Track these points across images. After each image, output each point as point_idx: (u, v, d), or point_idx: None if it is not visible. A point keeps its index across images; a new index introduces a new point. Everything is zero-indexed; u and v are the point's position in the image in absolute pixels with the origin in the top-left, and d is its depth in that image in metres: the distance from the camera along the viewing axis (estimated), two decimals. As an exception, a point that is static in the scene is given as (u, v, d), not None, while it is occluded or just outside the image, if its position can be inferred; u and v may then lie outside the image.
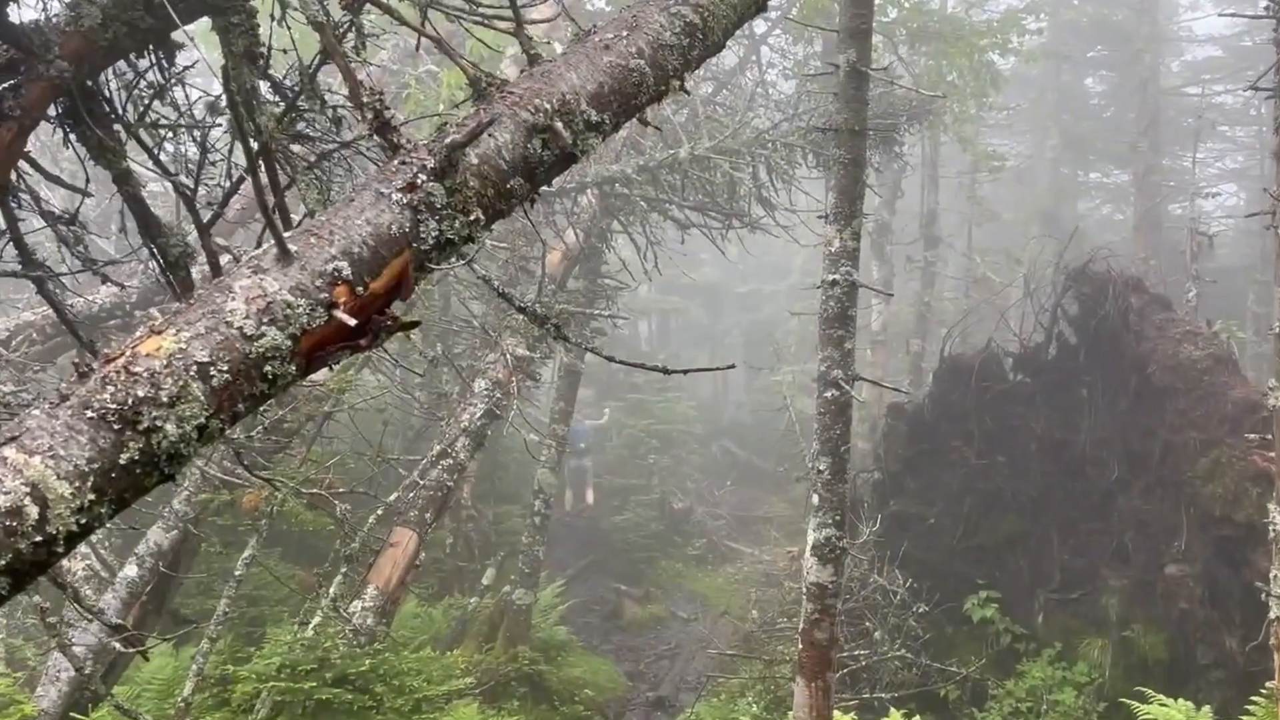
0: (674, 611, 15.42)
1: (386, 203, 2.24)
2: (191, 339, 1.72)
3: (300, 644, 6.88)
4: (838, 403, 5.40)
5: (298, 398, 7.76)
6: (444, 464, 7.94)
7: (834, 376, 5.38)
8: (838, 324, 5.40)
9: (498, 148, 2.38)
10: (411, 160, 2.27)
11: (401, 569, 7.52)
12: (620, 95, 2.54)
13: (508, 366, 8.35)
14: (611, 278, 11.72)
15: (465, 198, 2.51)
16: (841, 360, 5.39)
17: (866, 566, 10.71)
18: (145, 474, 1.66)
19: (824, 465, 5.41)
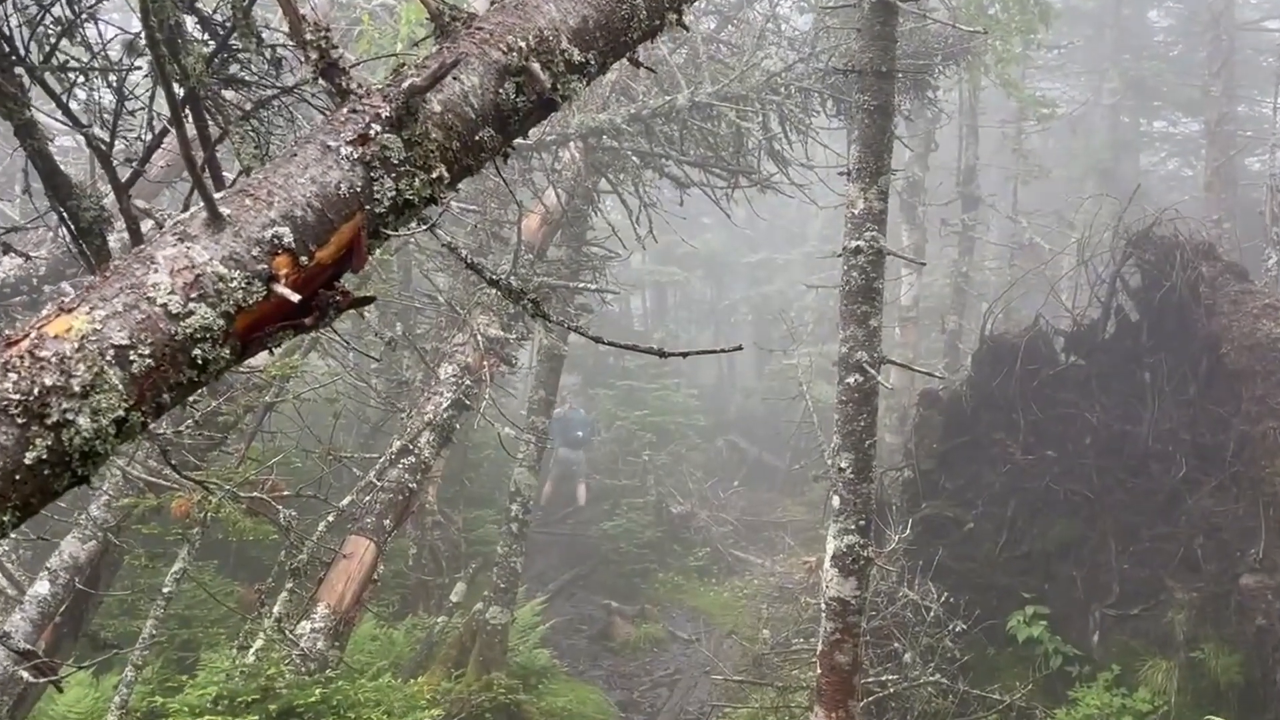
0: (673, 631, 15.50)
1: (334, 158, 2.23)
2: (108, 318, 1.71)
3: (240, 671, 6.88)
4: (862, 389, 5.41)
5: (234, 386, 7.75)
6: (405, 462, 7.93)
7: (858, 359, 5.38)
8: (862, 298, 5.41)
9: (464, 93, 2.37)
10: (364, 108, 2.25)
11: (357, 584, 7.52)
12: (607, 31, 2.53)
13: (478, 349, 8.34)
14: (599, 245, 11.70)
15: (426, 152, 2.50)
16: (866, 340, 5.39)
17: (895, 579, 10.76)
18: (55, 476, 1.66)
19: (846, 462, 5.43)
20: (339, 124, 2.32)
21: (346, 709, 7.06)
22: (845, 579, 5.42)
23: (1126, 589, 10.09)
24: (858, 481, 5.42)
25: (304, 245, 2.16)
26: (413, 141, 2.46)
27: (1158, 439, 10.32)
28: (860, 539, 5.41)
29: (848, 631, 5.43)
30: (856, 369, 5.39)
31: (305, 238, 2.17)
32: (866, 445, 5.42)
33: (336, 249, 2.26)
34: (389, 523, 7.72)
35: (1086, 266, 11.24)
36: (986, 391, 11.42)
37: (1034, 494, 10.79)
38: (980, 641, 10.38)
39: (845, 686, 5.43)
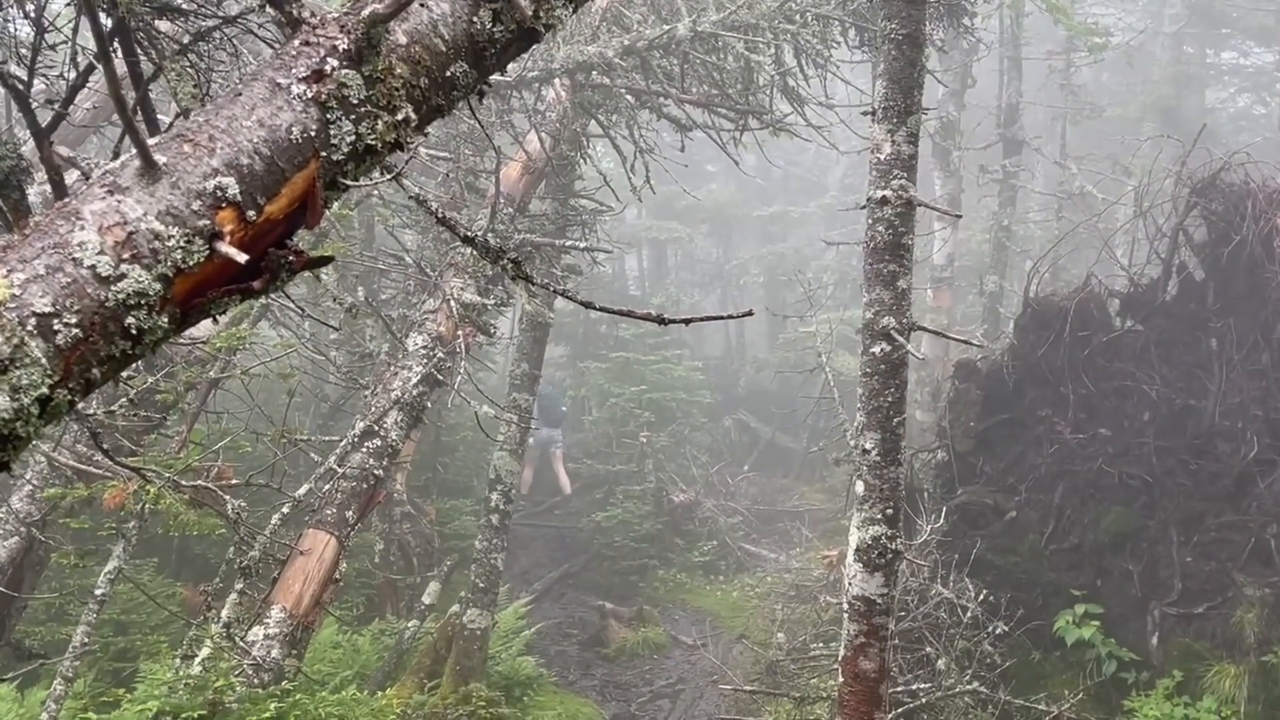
0: (675, 635, 15.56)
1: (285, 97, 2.22)
2: (28, 282, 1.70)
3: (184, 684, 6.91)
4: (889, 360, 5.41)
5: (174, 360, 7.74)
6: (370, 446, 7.94)
7: (884, 326, 5.39)
8: (889, 256, 5.40)
9: (433, 22, 2.36)
10: (318, 40, 2.24)
11: (316, 584, 7.54)
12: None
13: (452, 317, 8.33)
14: (589, 198, 11.67)
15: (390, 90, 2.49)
16: (894, 304, 5.40)
17: (928, 575, 10.82)
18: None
19: (871, 443, 5.44)
20: (290, 59, 2.31)
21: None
22: (871, 575, 5.44)
23: (1190, 585, 10.13)
24: (884, 465, 5.44)
25: (251, 198, 2.16)
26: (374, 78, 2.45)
27: (1225, 414, 10.34)
28: (888, 530, 5.43)
29: (873, 634, 5.46)
30: (883, 337, 5.39)
31: (252, 189, 2.16)
32: (894, 423, 5.43)
33: (288, 202, 2.25)
34: (352, 514, 7.74)
35: (1145, 219, 11.23)
36: (1031, 362, 11.42)
37: (1085, 478, 10.82)
38: (1024, 645, 10.44)
39: (870, 696, 5.47)
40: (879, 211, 5.42)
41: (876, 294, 5.43)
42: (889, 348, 5.38)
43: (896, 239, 5.39)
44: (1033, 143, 17.49)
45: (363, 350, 9.08)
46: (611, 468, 20.55)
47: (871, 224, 5.46)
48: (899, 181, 5.37)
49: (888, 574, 5.45)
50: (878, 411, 5.42)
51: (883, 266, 5.41)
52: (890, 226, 5.39)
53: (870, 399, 5.45)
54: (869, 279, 5.47)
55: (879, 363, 5.42)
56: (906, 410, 5.50)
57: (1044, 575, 10.69)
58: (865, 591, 5.46)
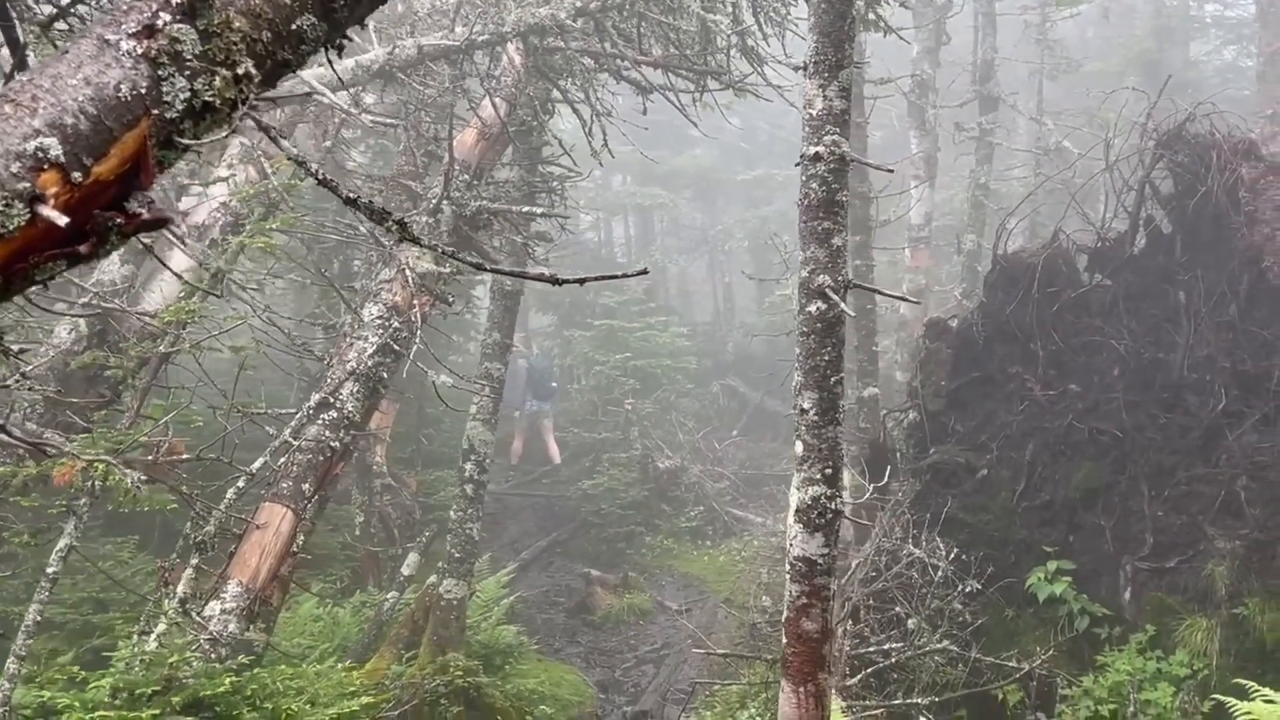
0: (661, 601, 15.60)
1: (113, 54, 2.15)
2: None
3: (140, 661, 6.87)
4: (825, 319, 5.33)
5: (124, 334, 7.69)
6: (326, 418, 7.88)
7: (819, 284, 5.31)
8: (823, 213, 5.31)
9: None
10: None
11: (274, 557, 7.50)
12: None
13: (408, 286, 8.26)
14: (558, 164, 11.59)
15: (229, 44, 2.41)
16: (829, 262, 5.31)
17: (900, 536, 10.79)
18: None
19: (809, 402, 5.37)
20: (120, 14, 2.23)
21: (263, 699, 7.07)
22: (811, 536, 5.38)
23: (1161, 539, 10.08)
24: (822, 424, 5.36)
25: (77, 159, 2.09)
26: (210, 32, 2.37)
27: (1194, 368, 10.27)
28: (827, 489, 5.37)
29: (815, 595, 5.40)
30: (818, 295, 5.31)
31: (78, 150, 2.09)
32: (831, 382, 5.35)
33: (119, 163, 2.18)
34: (308, 487, 7.69)
35: (1112, 172, 11.13)
36: (1000, 319, 11.36)
37: (1055, 434, 10.76)
38: (997, 603, 10.42)
39: (814, 657, 5.42)
40: (813, 168, 5.33)
41: (811, 252, 5.35)
42: (824, 306, 5.30)
43: (830, 196, 5.30)
44: (1009, 99, 17.37)
45: (326, 322, 9.00)
46: (598, 436, 20.59)
47: (805, 181, 5.37)
48: (831, 137, 5.28)
49: (828, 534, 5.39)
50: (814, 371, 5.35)
51: (817, 224, 5.32)
52: (824, 183, 5.30)
53: (807, 358, 5.37)
54: (804, 237, 5.39)
55: (815, 321, 5.34)
56: (843, 369, 5.42)
57: (1016, 532, 10.66)
58: (806, 552, 5.40)
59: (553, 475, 21.34)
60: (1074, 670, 9.84)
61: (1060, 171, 13.81)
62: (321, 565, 14.42)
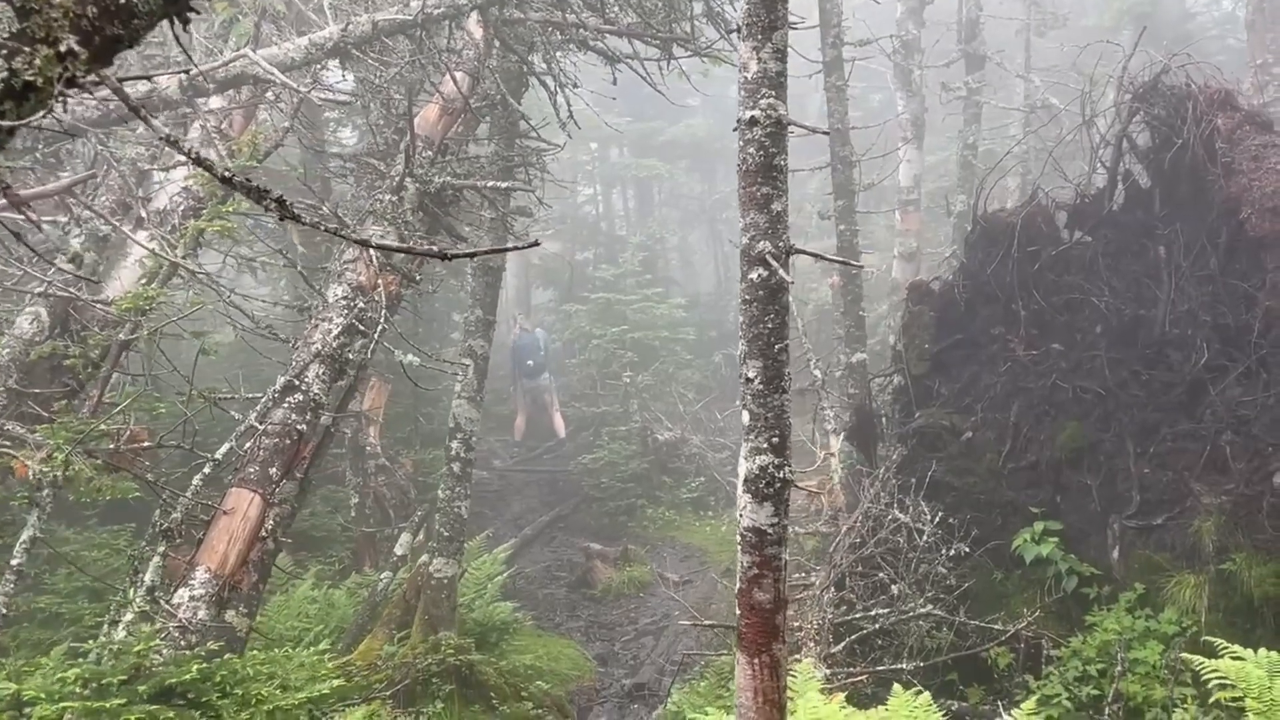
0: (661, 573, 15.55)
1: (-88, 36, 2.07)
2: None
3: (108, 650, 6.85)
4: (767, 286, 5.22)
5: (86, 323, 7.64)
6: (292, 401, 7.82)
7: (760, 251, 5.19)
8: (762, 179, 5.19)
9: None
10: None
11: (242, 543, 7.45)
12: None
13: (372, 265, 8.19)
14: (540, 138, 11.50)
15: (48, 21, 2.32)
16: (769, 228, 5.20)
17: (887, 501, 10.72)
18: None
19: (753, 371, 5.25)
20: (-72, -6, 2.16)
21: (233, 685, 7.03)
22: (760, 505, 5.28)
23: (1148, 497, 9.98)
24: (768, 393, 5.26)
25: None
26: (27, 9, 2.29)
27: (1175, 323, 10.13)
28: (775, 459, 5.27)
29: (766, 565, 5.31)
30: (759, 262, 5.19)
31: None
32: (776, 350, 5.24)
33: (-69, 149, 2.11)
34: (276, 471, 7.64)
35: (1090, 127, 10.97)
36: (981, 280, 11.23)
37: (1039, 395, 10.67)
38: (984, 565, 10.35)
39: (767, 628, 5.33)
40: (749, 133, 5.21)
41: (751, 218, 5.22)
42: (765, 273, 5.19)
43: (768, 160, 5.18)
44: (995, 57, 17.17)
45: (297, 304, 8.93)
46: (597, 409, 20.57)
47: (743, 146, 5.25)
48: (767, 100, 5.15)
49: (777, 503, 5.29)
50: (758, 339, 5.24)
51: (756, 190, 5.20)
52: (761, 148, 5.18)
53: (750, 326, 5.25)
54: (743, 203, 5.26)
55: (757, 289, 5.23)
56: (788, 336, 5.31)
57: (1002, 494, 10.57)
58: (756, 522, 5.30)
59: (556, 450, 21.35)
60: (1062, 631, 9.77)
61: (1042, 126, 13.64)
62: (321, 547, 14.45)
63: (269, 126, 9.26)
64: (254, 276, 15.51)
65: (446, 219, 9.14)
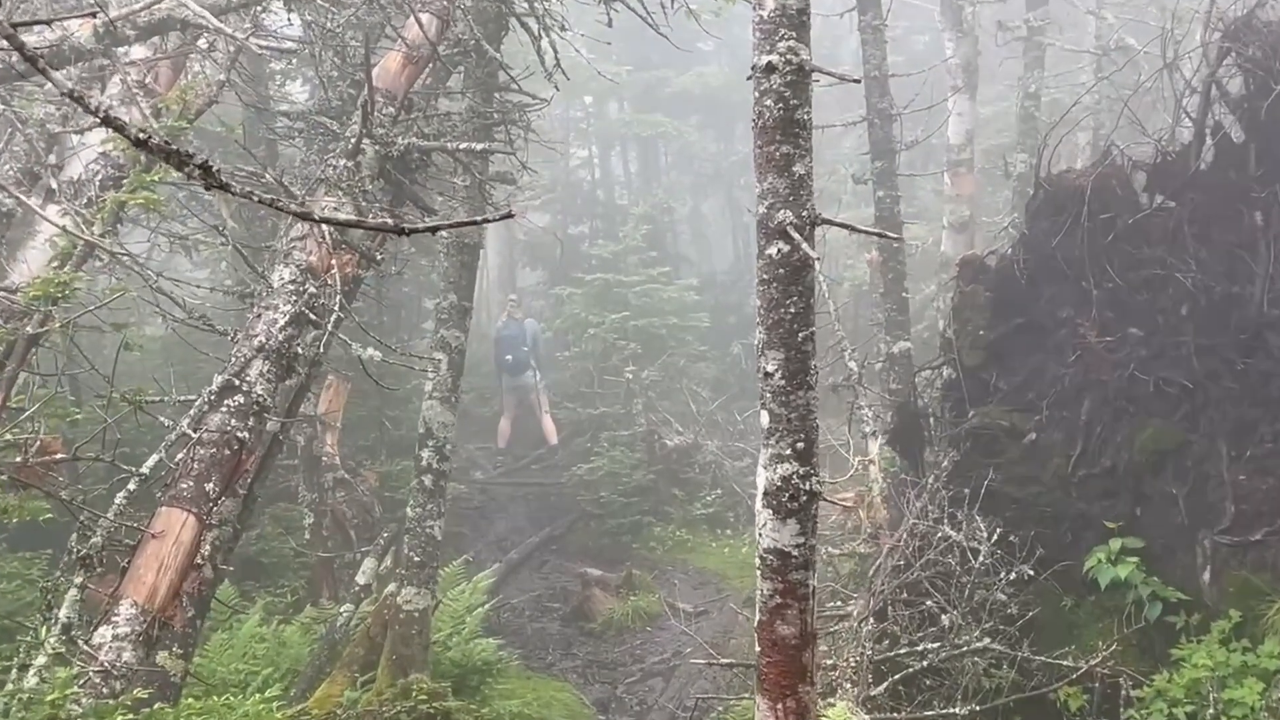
0: (671, 602, 15.53)
1: None
2: None
3: (18, 699, 6.84)
4: (789, 263, 5.20)
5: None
6: (231, 404, 7.80)
7: (780, 221, 5.17)
8: (781, 135, 5.17)
9: None
10: None
11: (174, 572, 7.44)
12: None
13: (324, 243, 8.17)
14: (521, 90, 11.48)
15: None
16: (790, 194, 5.17)
17: (935, 515, 10.70)
18: None
19: (773, 364, 5.25)
20: None
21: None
22: (783, 523, 5.27)
23: (1244, 508, 9.95)
24: (791, 389, 5.24)
25: None
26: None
27: (1275, 302, 10.10)
28: (799, 467, 5.25)
29: (790, 593, 5.30)
30: (779, 234, 5.17)
31: None
32: (800, 339, 5.22)
33: None
34: (213, 486, 7.62)
35: (1172, 72, 10.92)
36: (1045, 254, 11.18)
37: (1115, 388, 10.63)
38: (1050, 591, 10.33)
39: (792, 667, 5.33)
40: (766, 82, 5.19)
41: (770, 182, 5.21)
42: (786, 247, 5.17)
43: (789, 114, 5.16)
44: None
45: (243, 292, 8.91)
46: (595, 411, 20.55)
47: (759, 98, 5.23)
48: (786, 44, 5.13)
49: (803, 520, 5.28)
50: (779, 326, 5.22)
51: (774, 149, 5.18)
52: (780, 99, 5.16)
53: (769, 310, 5.24)
54: (759, 164, 5.25)
55: (776, 266, 5.21)
56: (813, 323, 5.29)
57: (1072, 506, 10.54)
58: (777, 543, 5.30)
59: (546, 459, 21.33)
60: (1144, 667, 9.76)
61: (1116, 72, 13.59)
62: (269, 575, 14.45)
63: (202, 80, 9.22)
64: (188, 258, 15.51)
65: (412, 187, 9.11)
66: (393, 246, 11.36)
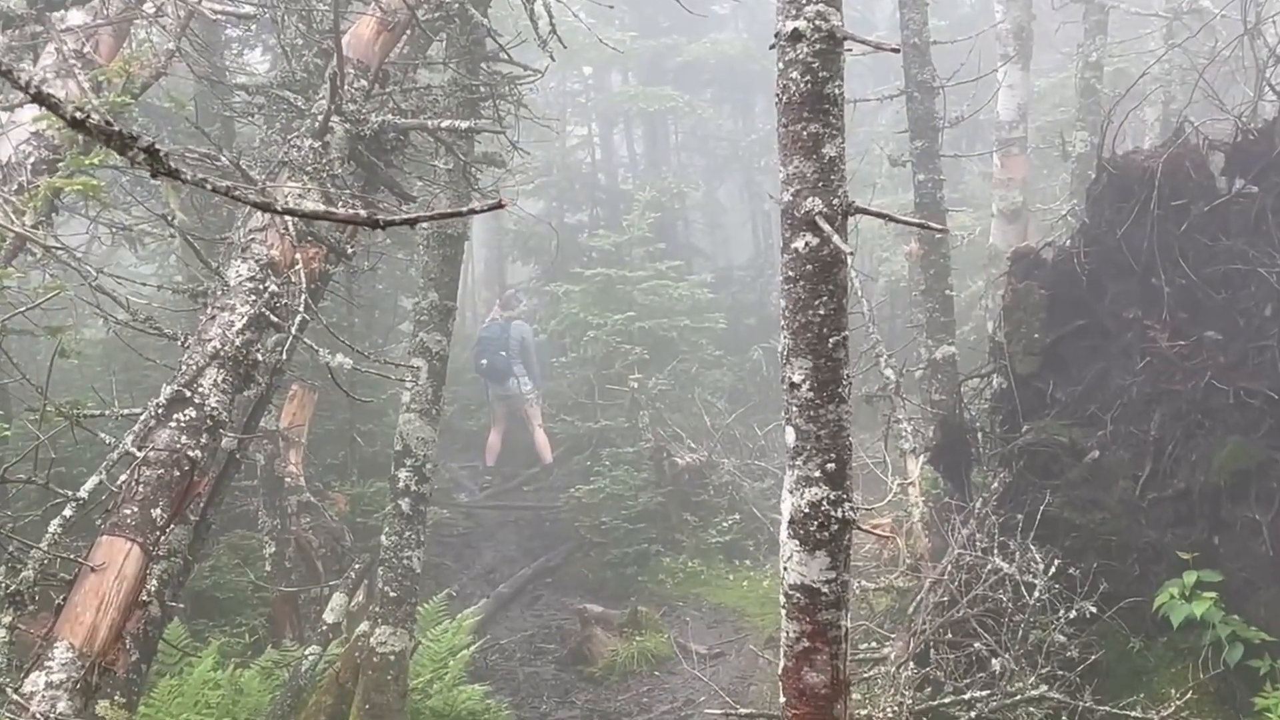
0: (683, 643, 15.52)
1: None
2: None
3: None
4: (817, 258, 5.19)
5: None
6: (181, 418, 7.78)
7: (808, 210, 5.16)
8: (809, 112, 5.16)
9: None
10: None
11: (116, 610, 7.41)
12: None
13: (287, 234, 8.16)
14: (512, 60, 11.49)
15: None
16: (819, 179, 5.16)
17: (984, 545, 10.68)
18: None
19: (800, 374, 5.24)
20: None
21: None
22: (811, 555, 5.26)
23: (1338, 537, 9.99)
24: (820, 402, 5.23)
25: None
26: None
27: (1374, 301, 10.14)
28: (830, 490, 5.24)
29: (820, 635, 5.30)
30: (806, 225, 5.16)
31: None
32: (831, 345, 5.21)
33: None
34: (161, 512, 7.59)
35: (1255, 39, 10.92)
36: (1110, 246, 11.17)
37: (1190, 400, 10.61)
38: (1116, 631, 10.32)
39: (821, 719, 5.33)
40: (792, 51, 5.18)
41: (796, 166, 5.20)
42: (815, 240, 5.16)
43: (817, 88, 5.15)
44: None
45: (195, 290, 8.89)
46: (595, 424, 20.53)
47: (783, 69, 5.22)
48: (815, 7, 5.12)
49: (834, 552, 5.27)
50: (807, 330, 5.21)
51: (800, 128, 5.17)
52: (808, 71, 5.15)
53: (796, 312, 5.23)
54: (784, 145, 5.24)
55: (803, 261, 5.20)
56: (845, 325, 5.29)
57: (1140, 535, 10.53)
58: (805, 578, 5.29)
59: (539, 480, 21.33)
60: (1223, 718, 9.75)
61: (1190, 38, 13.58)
62: (225, 613, 14.45)
63: (148, 49, 9.22)
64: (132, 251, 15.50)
65: (388, 171, 9.10)
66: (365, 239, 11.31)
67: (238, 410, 8.56)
